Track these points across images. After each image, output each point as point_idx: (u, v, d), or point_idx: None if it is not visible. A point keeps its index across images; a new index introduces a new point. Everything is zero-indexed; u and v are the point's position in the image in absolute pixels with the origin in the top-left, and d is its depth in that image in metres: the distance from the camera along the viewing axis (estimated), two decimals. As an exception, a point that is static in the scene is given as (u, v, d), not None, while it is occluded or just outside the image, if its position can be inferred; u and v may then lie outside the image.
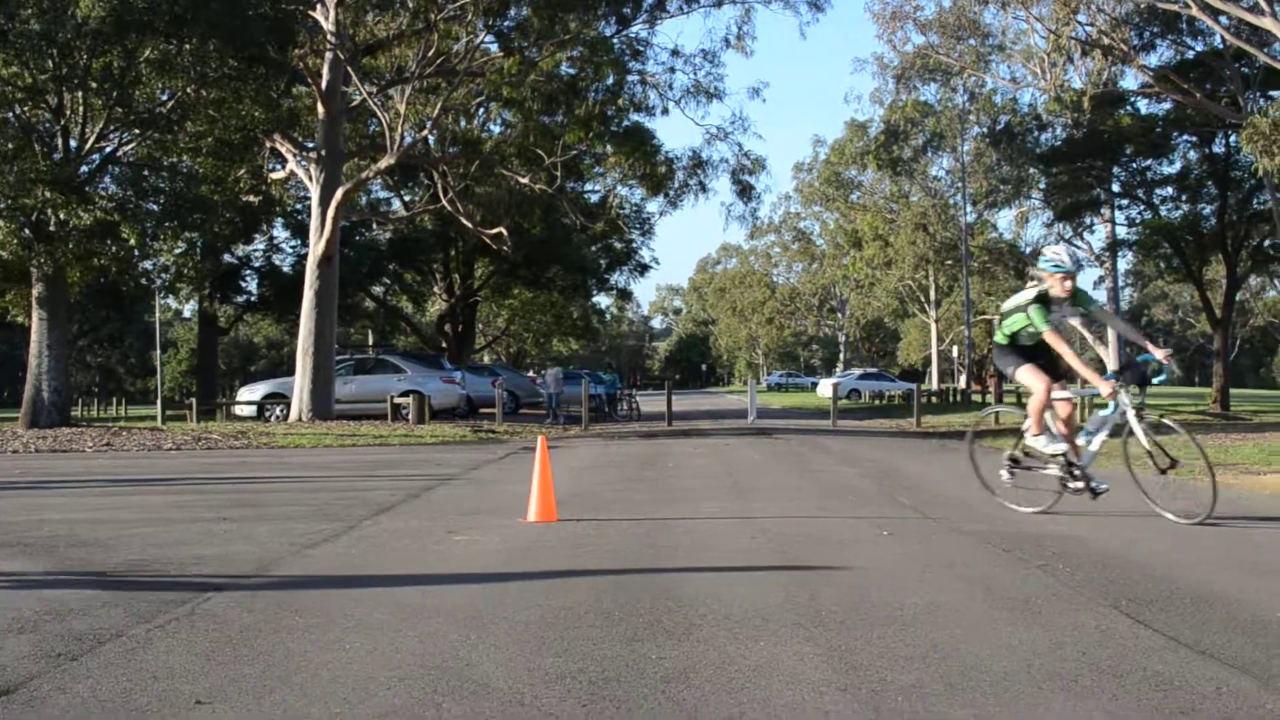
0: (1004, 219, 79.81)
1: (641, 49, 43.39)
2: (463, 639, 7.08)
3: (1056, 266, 12.59)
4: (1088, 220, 67.40)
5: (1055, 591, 8.66)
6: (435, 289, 65.93)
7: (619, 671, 6.26)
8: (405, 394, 39.23)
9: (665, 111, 47.31)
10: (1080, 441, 13.40)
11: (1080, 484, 13.15)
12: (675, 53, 46.61)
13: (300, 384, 37.59)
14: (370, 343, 71.62)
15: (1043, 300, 12.63)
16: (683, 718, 5.45)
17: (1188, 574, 9.41)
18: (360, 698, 5.79)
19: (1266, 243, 59.25)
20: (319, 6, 36.75)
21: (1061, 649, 6.79)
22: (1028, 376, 13.30)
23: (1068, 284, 12.58)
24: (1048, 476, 13.47)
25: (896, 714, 5.48)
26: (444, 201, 39.76)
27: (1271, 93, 47.73)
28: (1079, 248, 12.78)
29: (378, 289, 65.75)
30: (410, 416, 37.47)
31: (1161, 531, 12.14)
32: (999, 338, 13.73)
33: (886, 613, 7.85)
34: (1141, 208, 64.06)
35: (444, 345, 61.25)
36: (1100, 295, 64.59)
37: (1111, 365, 65.09)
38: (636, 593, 8.69)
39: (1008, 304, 13.73)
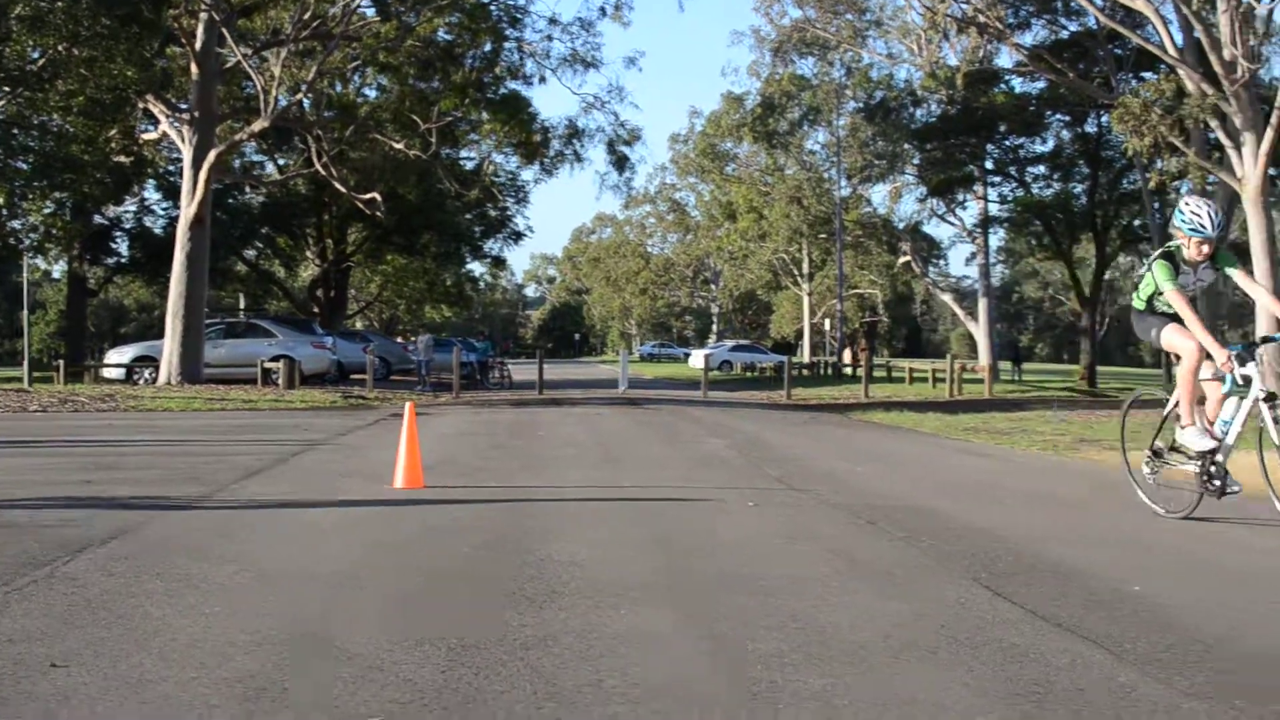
0: (878, 194, 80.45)
1: (520, 16, 43.37)
2: (323, 604, 7.07)
3: (1194, 229, 10.75)
4: (961, 196, 68.00)
5: (918, 564, 8.75)
6: (308, 254, 65.47)
7: (479, 638, 6.26)
8: (276, 359, 38.82)
9: (542, 80, 47.47)
10: (1217, 432, 11.31)
11: (1218, 484, 11.18)
12: (553, 21, 46.75)
13: (170, 347, 37.21)
14: (241, 307, 70.97)
15: (1168, 257, 10.94)
16: (541, 685, 5.46)
17: (1050, 548, 9.53)
18: (218, 661, 5.75)
19: (1136, 222, 59.99)
20: (195, -34, 36.35)
21: (921, 620, 6.86)
22: (1173, 337, 11.28)
23: (1204, 249, 10.79)
24: (1185, 474, 11.57)
25: (754, 682, 5.51)
26: (318, 166, 39.43)
27: (1143, 74, 48.27)
28: (1208, 211, 10.51)
29: (250, 253, 65.15)
30: (280, 381, 37.14)
31: (1028, 506, 12.30)
32: (1135, 302, 11.82)
33: (749, 583, 7.90)
34: (1014, 185, 64.76)
35: (316, 310, 60.78)
36: (972, 271, 65.13)
37: (983, 344, 65.87)
38: (500, 560, 8.70)
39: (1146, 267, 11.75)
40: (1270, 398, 10.68)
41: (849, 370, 69.89)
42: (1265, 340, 12.72)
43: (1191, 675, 5.78)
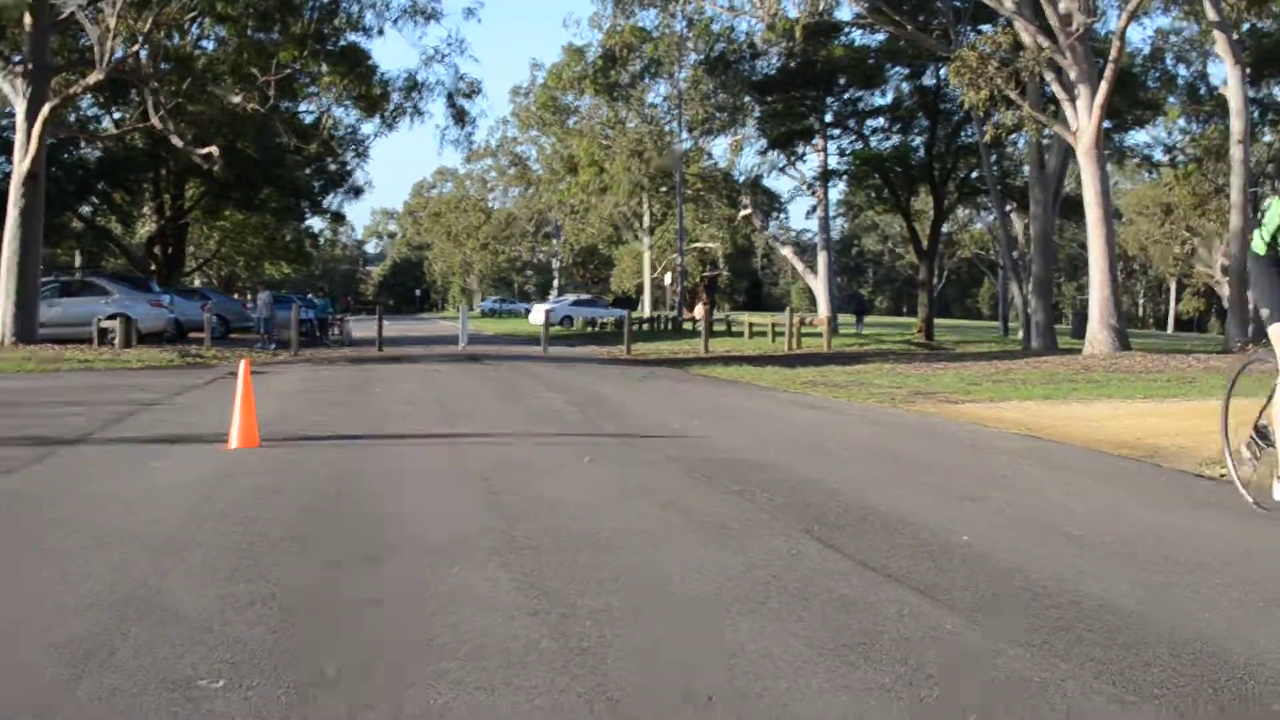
0: (719, 147, 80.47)
1: (359, -35, 42.96)
2: (155, 566, 7.01)
3: None
4: (801, 149, 68.31)
5: (751, 517, 8.82)
6: (145, 210, 64.66)
7: (311, 598, 6.27)
8: (112, 317, 38.24)
9: (381, 32, 47.08)
10: None
11: None
12: (394, -30, 46.09)
13: (2, 306, 36.58)
14: (77, 264, 69.88)
15: None
16: (372, 643, 5.47)
17: (882, 499, 9.66)
18: (47, 626, 5.70)
19: (974, 174, 60.63)
20: (26, -85, 35.62)
21: (752, 572, 6.93)
22: None
23: None
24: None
25: (582, 638, 5.55)
26: (155, 120, 38.82)
27: (982, 26, 48.71)
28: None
29: (86, 209, 64.14)
30: (117, 341, 36.62)
31: (862, 459, 12.42)
32: (1255, 245, 9.11)
33: (582, 538, 7.94)
34: (853, 138, 65.16)
35: (154, 268, 60.02)
36: (812, 224, 65.36)
37: (823, 298, 66.32)
38: (334, 519, 8.70)
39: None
40: None
41: (689, 325, 70.12)
42: None
43: (1015, 622, 5.89)
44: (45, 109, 36.12)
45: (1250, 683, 5.04)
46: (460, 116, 47.32)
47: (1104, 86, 35.72)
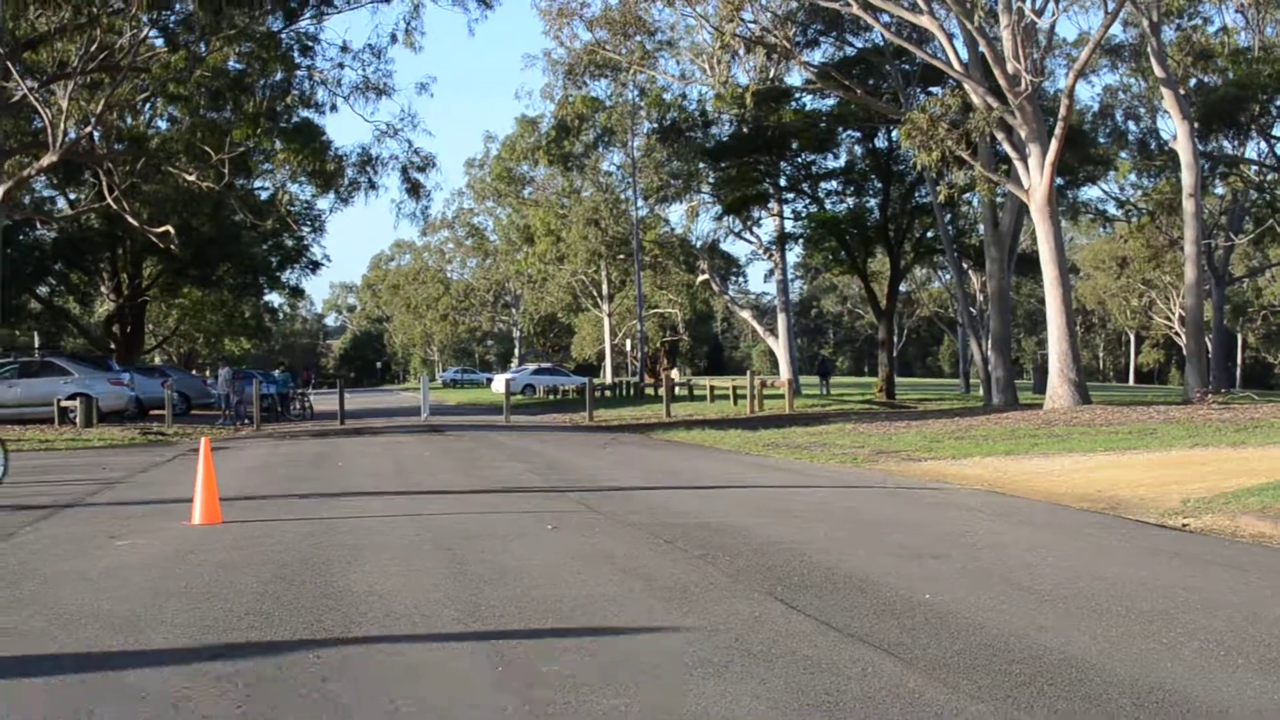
0: (675, 213, 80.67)
1: (310, 44, 43.00)
2: (120, 644, 7.01)
3: None
4: (756, 214, 68.54)
5: (713, 580, 8.85)
6: (103, 289, 64.43)
7: (277, 671, 6.27)
8: (72, 397, 38.19)
9: (334, 108, 47.10)
10: None
11: None
12: (344, 49, 46.11)
13: (-39, 388, 36.50)
14: (36, 345, 69.65)
15: None
16: (338, 714, 5.48)
17: (845, 560, 9.70)
18: (6, 710, 5.69)
19: (929, 234, 60.89)
20: (-26, 0, 35.65)
21: (715, 636, 6.96)
22: None
23: None
24: None
25: (548, 704, 5.57)
26: (110, 200, 38.70)
27: (931, 88, 49.04)
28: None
29: (43, 289, 64.01)
30: (78, 420, 36.56)
31: (824, 519, 12.45)
32: None
33: (545, 606, 7.96)
34: (808, 201, 65.36)
35: (113, 346, 59.87)
36: (771, 287, 65.62)
37: (784, 360, 66.45)
38: (298, 593, 8.68)
39: None
40: None
41: (651, 390, 70.14)
42: None
43: (978, 679, 5.93)
44: (-1, 191, 36.08)
45: (1212, 730, 5.09)
46: (415, 189, 47.34)
47: (1054, 144, 35.97)
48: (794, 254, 74.86)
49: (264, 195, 54.92)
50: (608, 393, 69.31)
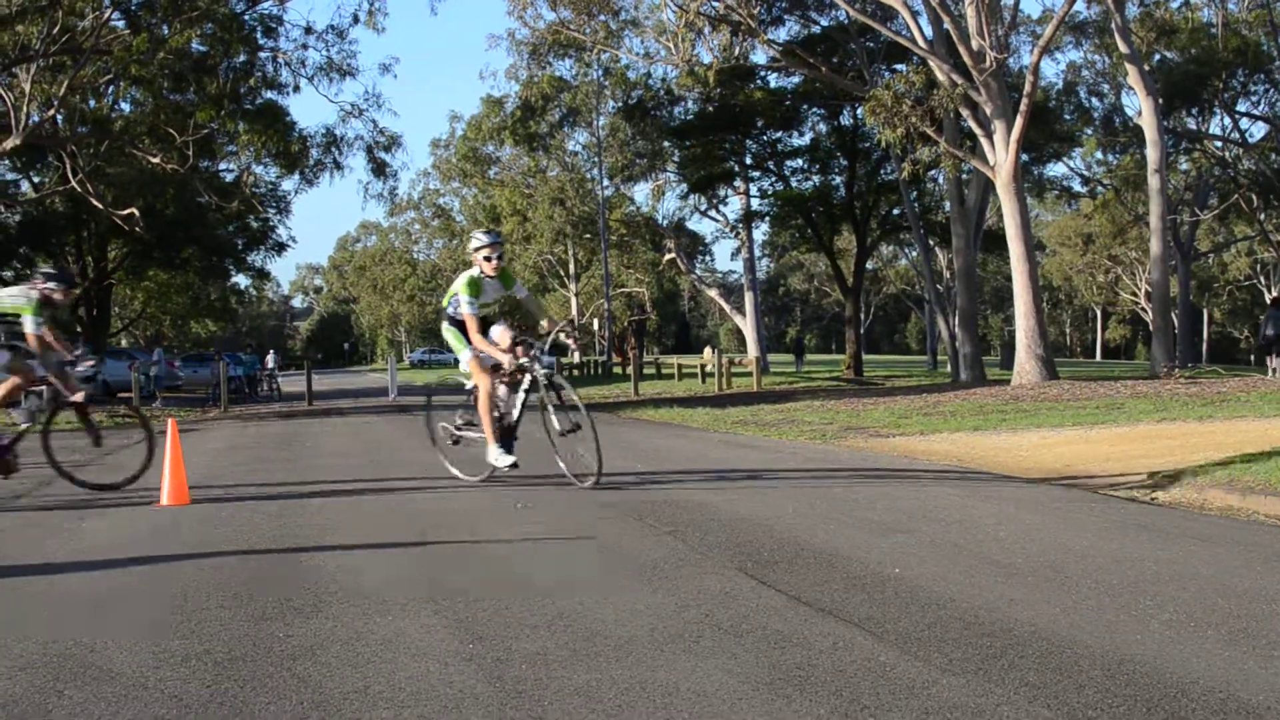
0: (641, 192, 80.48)
1: (274, 26, 42.86)
2: (88, 626, 6.95)
3: None
4: (722, 192, 68.66)
5: (683, 556, 8.83)
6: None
7: (245, 651, 6.23)
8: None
9: (297, 89, 47.14)
10: None
11: None
12: (308, 29, 45.83)
13: (-79, 373, 36.20)
14: (-1, 330, 69.34)
15: None
16: (308, 694, 5.45)
17: (814, 535, 9.67)
18: (-24, 686, 5.67)
19: (895, 211, 61.00)
20: (-66, -16, 35.44)
21: (685, 611, 6.94)
22: None
23: None
24: None
25: (519, 681, 5.55)
26: (74, 183, 38.56)
27: (896, 66, 49.14)
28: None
29: (8, 273, 63.75)
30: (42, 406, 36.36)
31: (793, 495, 12.44)
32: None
33: (515, 583, 7.94)
34: (774, 179, 65.44)
35: (79, 330, 59.73)
36: (738, 266, 65.70)
37: (751, 338, 66.53)
38: (266, 572, 8.64)
39: None
40: None
41: (619, 369, 70.12)
42: None
43: (949, 652, 5.92)
44: (-39, 175, 35.92)
45: (1183, 700, 5.09)
46: (381, 170, 47.26)
47: (1019, 121, 36.06)
48: (760, 232, 74.96)
49: (229, 177, 54.70)
50: (576, 372, 69.47)
